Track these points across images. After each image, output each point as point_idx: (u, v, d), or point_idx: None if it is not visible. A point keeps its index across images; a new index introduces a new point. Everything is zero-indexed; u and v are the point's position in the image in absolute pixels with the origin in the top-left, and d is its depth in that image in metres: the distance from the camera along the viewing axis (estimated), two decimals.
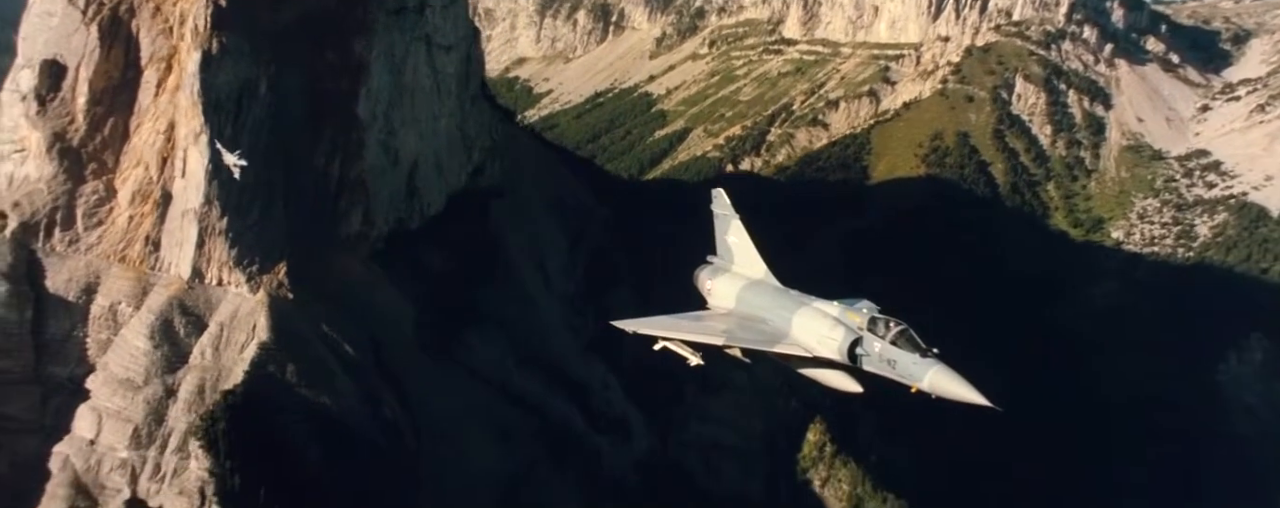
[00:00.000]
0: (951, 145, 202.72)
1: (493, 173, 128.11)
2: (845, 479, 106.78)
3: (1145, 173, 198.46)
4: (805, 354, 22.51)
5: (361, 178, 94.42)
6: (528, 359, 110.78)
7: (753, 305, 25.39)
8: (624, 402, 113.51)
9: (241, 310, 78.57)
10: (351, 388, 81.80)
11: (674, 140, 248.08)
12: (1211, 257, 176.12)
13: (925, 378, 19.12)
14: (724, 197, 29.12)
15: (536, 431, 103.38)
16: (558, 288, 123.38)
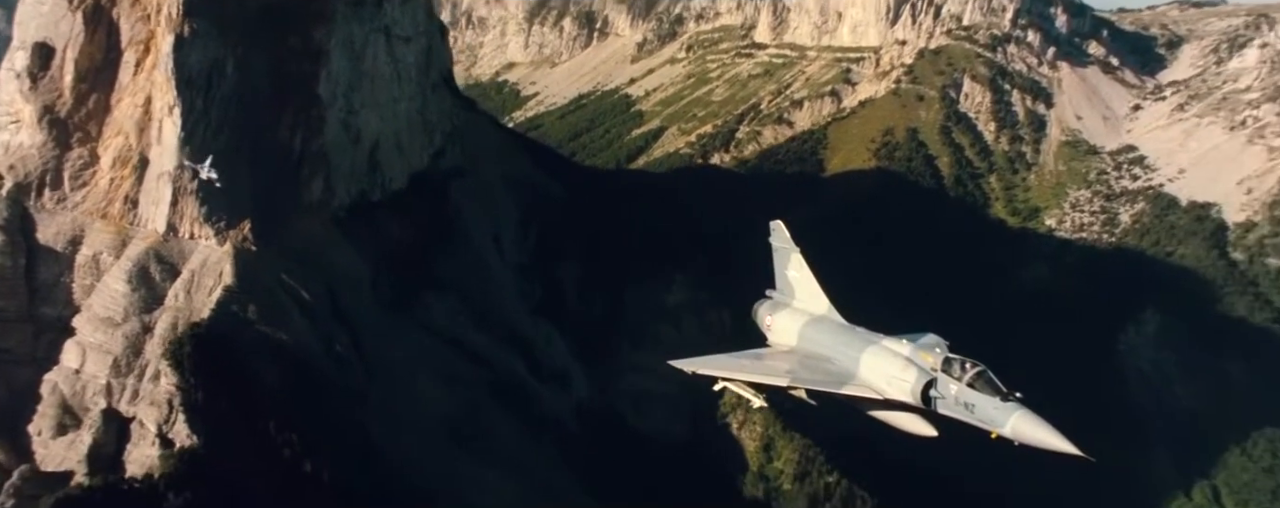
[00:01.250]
0: (902, 140, 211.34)
1: (454, 155, 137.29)
2: (758, 422, 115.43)
3: (1080, 166, 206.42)
4: (875, 396, 21.29)
5: (323, 151, 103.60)
6: (479, 318, 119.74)
7: (816, 343, 24.13)
8: (566, 356, 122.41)
9: (210, 259, 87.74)
10: (307, 327, 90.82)
11: (650, 138, 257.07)
12: (1129, 241, 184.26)
13: (1008, 424, 17.98)
14: (783, 229, 27.78)
15: (483, 378, 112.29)
16: (511, 258, 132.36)
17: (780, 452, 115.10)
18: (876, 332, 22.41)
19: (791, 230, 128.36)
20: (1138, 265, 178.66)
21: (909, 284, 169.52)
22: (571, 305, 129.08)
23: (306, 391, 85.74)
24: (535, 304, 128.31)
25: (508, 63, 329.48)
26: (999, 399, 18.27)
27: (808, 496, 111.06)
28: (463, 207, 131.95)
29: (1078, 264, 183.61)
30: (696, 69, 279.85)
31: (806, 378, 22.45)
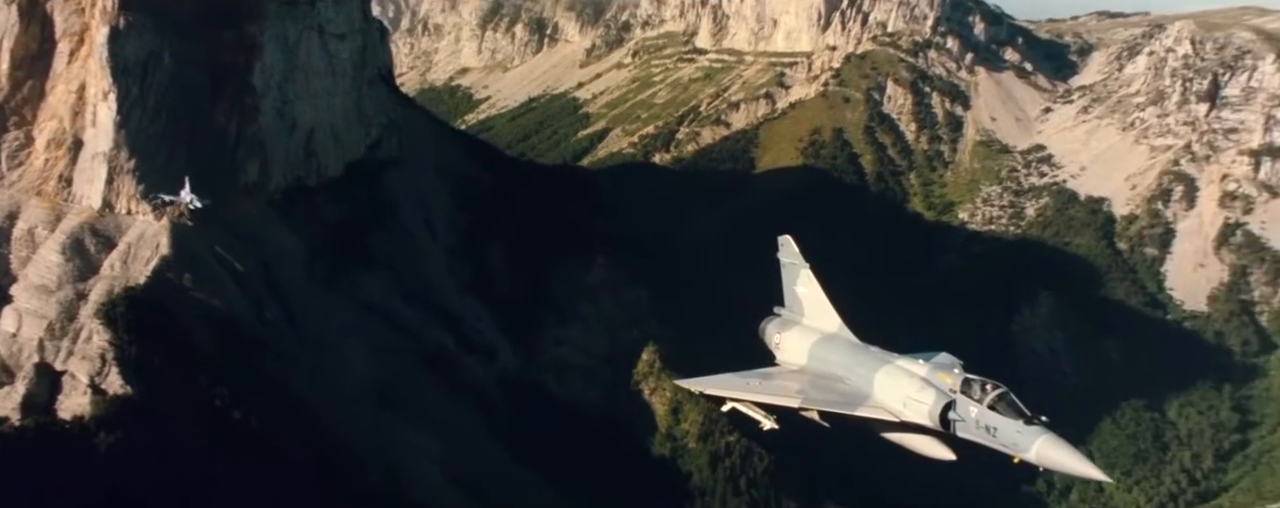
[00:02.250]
0: (828, 140, 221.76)
1: (390, 146, 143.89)
2: (668, 389, 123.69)
3: (993, 164, 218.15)
4: (891, 419, 20.62)
5: (258, 137, 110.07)
6: (410, 295, 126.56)
7: (828, 362, 23.27)
8: (493, 330, 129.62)
9: (147, 233, 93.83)
10: (240, 295, 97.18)
11: (595, 139, 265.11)
12: (1032, 233, 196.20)
13: (1032, 449, 17.38)
14: (792, 244, 26.78)
15: (412, 349, 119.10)
16: (443, 240, 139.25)
17: (687, 415, 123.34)
18: (890, 351, 21.69)
19: (720, 223, 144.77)
20: (1037, 255, 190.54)
21: (831, 273, 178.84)
22: (499, 285, 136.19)
23: (238, 351, 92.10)
24: (465, 283, 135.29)
25: (461, 68, 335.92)
26: (1022, 422, 17.60)
27: (710, 453, 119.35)
28: (397, 193, 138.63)
29: (985, 254, 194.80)
30: (641, 73, 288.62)
31: (819, 399, 21.65)
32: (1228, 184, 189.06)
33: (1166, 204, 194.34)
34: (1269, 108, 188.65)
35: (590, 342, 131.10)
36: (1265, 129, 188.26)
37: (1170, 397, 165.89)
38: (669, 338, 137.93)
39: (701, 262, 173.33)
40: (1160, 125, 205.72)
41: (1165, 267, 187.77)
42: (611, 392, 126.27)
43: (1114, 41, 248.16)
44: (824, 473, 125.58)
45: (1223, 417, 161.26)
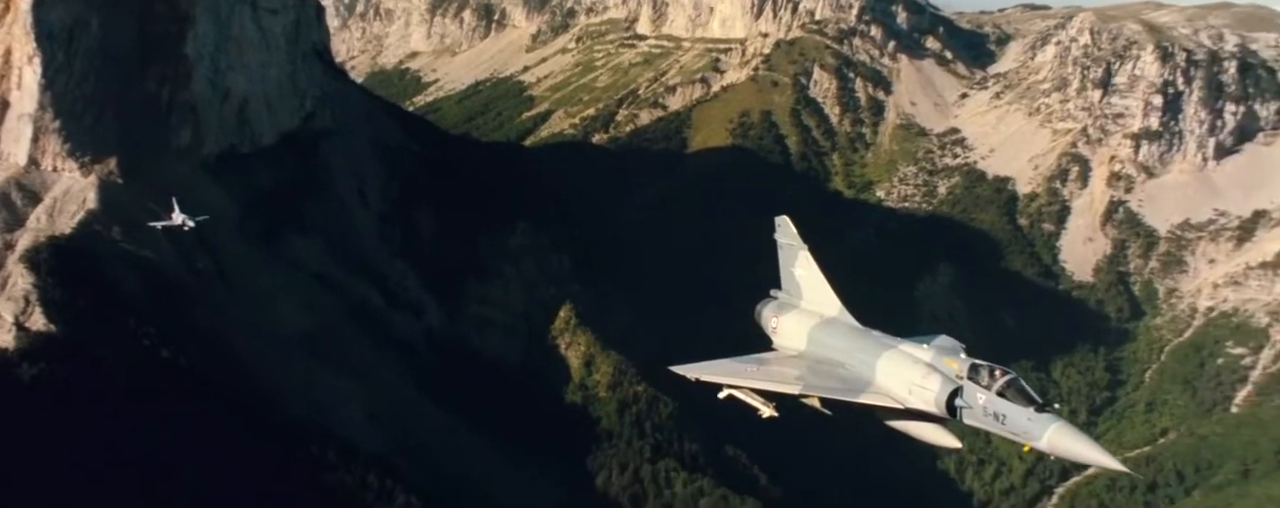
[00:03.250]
0: (756, 122, 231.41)
1: (324, 118, 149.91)
2: (582, 343, 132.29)
3: (911, 146, 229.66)
4: (895, 405, 20.01)
5: (191, 103, 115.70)
6: (341, 257, 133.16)
7: (827, 347, 22.65)
8: (420, 290, 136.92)
9: (74, 189, 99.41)
10: (170, 248, 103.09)
11: (538, 120, 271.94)
12: (942, 210, 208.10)
13: (1044, 437, 16.90)
14: (789, 225, 26.29)
15: (340, 305, 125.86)
16: (375, 208, 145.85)
17: (599, 366, 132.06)
18: (892, 336, 21.26)
19: (651, 197, 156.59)
20: (945, 229, 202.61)
21: (755, 246, 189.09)
22: (427, 249, 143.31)
23: (166, 298, 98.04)
24: (394, 247, 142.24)
25: (411, 52, 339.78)
26: (1033, 410, 17.07)
27: (618, 401, 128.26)
28: (330, 161, 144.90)
29: (898, 229, 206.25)
30: (584, 58, 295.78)
31: (819, 385, 21.00)
32: (1114, 165, 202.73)
33: (1064, 183, 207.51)
34: (1148, 95, 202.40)
35: (511, 300, 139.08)
36: (1144, 114, 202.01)
37: (1055, 358, 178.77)
38: (588, 299, 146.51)
39: (629, 231, 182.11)
40: (1062, 110, 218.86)
41: (1060, 241, 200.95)
42: (529, 346, 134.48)
43: (1030, 32, 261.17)
44: (725, 415, 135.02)
45: (1097, 376, 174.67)
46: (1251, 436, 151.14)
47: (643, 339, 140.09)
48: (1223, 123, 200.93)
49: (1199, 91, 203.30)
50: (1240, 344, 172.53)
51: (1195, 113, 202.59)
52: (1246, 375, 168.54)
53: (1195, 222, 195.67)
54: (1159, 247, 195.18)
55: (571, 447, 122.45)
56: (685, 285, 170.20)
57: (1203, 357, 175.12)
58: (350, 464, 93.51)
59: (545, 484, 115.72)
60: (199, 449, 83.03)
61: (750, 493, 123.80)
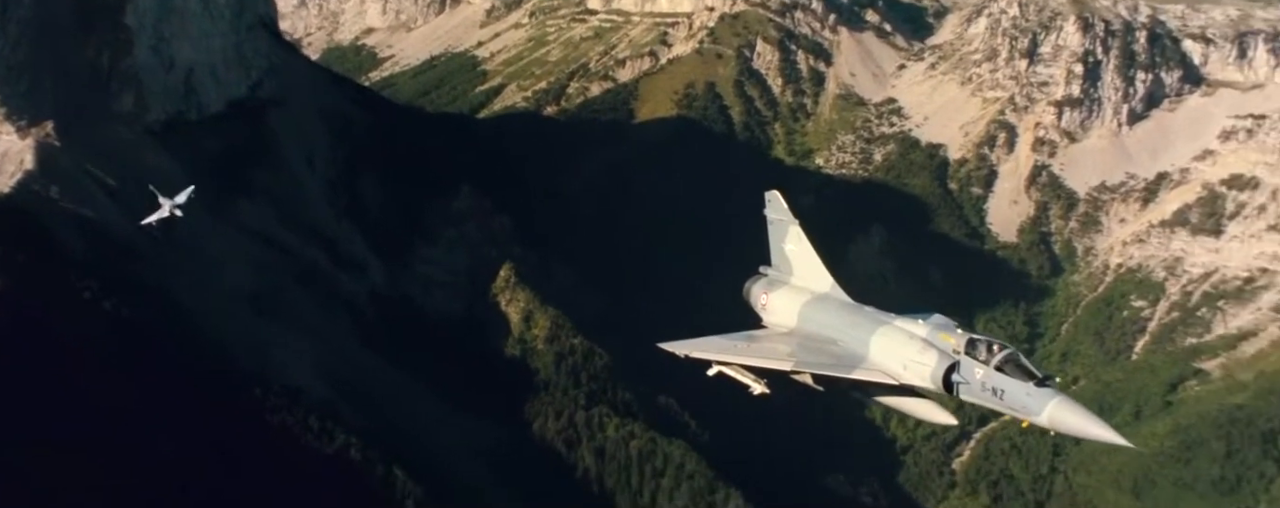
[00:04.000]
0: (701, 93, 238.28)
1: (271, 87, 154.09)
2: (522, 300, 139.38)
3: (850, 116, 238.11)
4: (889, 381, 19.80)
5: (133, 70, 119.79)
6: (289, 221, 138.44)
7: (819, 324, 22.27)
8: (365, 251, 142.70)
9: (11, 150, 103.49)
10: (112, 207, 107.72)
11: (491, 94, 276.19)
12: (877, 175, 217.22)
13: (1044, 412, 16.64)
14: (780, 200, 26.16)
15: (288, 265, 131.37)
16: (321, 173, 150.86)
17: (537, 321, 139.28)
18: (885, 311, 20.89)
19: (600, 167, 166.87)
20: (879, 194, 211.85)
21: (700, 211, 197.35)
22: (373, 213, 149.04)
23: (109, 254, 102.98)
24: (341, 211, 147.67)
25: (367, 28, 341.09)
26: (1032, 384, 16.91)
27: (556, 353, 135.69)
28: (278, 129, 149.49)
29: (835, 194, 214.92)
30: (537, 33, 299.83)
31: (811, 361, 20.76)
32: (1038, 131, 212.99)
33: (992, 149, 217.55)
34: (1070, 64, 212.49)
35: (454, 260, 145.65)
36: (1066, 83, 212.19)
37: (979, 313, 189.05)
38: (529, 260, 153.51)
39: (575, 197, 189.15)
40: (991, 79, 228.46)
41: (987, 204, 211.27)
42: (471, 303, 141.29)
43: (967, 4, 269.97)
44: (659, 368, 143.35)
45: (1017, 330, 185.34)
46: (1144, 381, 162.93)
47: (583, 298, 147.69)
48: (1135, 90, 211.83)
49: (1115, 60, 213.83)
50: (1141, 297, 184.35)
51: (1112, 81, 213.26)
52: (1145, 326, 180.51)
53: (1110, 184, 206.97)
54: (1078, 208, 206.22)
55: (510, 396, 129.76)
56: (628, 248, 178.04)
57: (1111, 310, 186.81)
58: (292, 407, 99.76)
59: (484, 429, 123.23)
60: (143, 394, 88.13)
61: (680, 437, 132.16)
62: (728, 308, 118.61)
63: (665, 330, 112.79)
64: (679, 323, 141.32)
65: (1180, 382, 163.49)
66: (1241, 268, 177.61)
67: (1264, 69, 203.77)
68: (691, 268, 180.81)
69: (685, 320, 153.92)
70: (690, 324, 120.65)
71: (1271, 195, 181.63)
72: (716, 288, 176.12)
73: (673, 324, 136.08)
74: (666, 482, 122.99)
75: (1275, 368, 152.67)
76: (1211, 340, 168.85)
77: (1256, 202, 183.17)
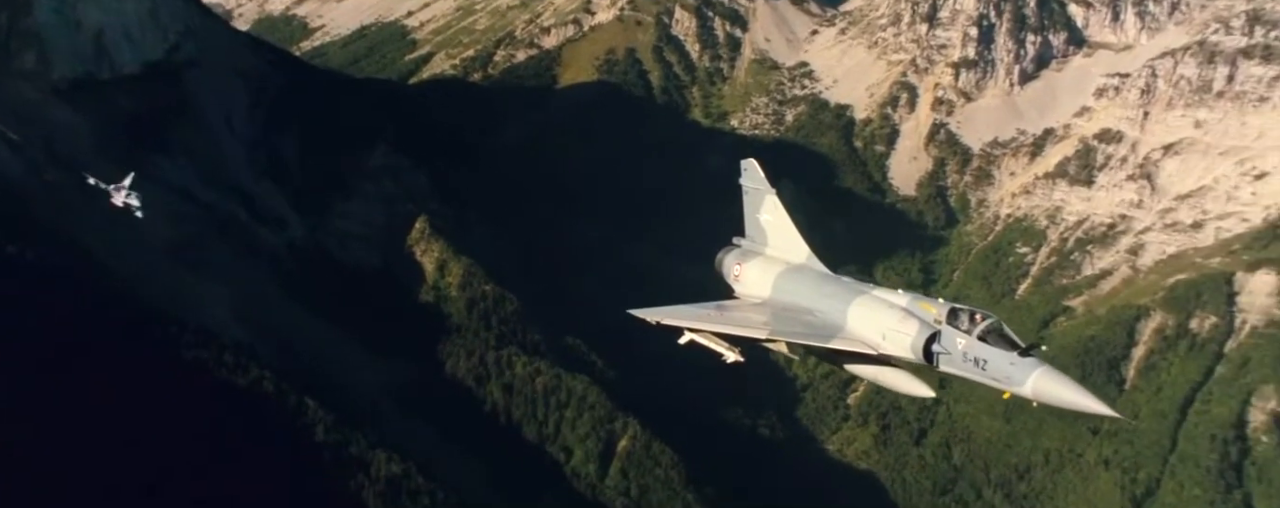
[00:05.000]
0: (621, 58, 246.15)
1: (189, 50, 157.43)
2: (436, 250, 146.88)
3: (764, 79, 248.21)
4: (868, 351, 19.31)
5: (34, 29, 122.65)
6: (207, 177, 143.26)
7: (794, 294, 21.84)
8: (284, 207, 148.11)
9: None
10: (14, 158, 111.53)
11: (420, 62, 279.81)
12: (788, 135, 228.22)
13: (1027, 383, 16.28)
14: (756, 168, 25.65)
15: (207, 219, 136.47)
16: (240, 132, 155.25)
17: (451, 270, 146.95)
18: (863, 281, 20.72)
19: (521, 130, 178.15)
20: (789, 152, 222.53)
21: (620, 170, 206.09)
22: (292, 171, 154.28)
23: (10, 201, 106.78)
24: (260, 170, 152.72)
25: None
26: (1016, 354, 16.57)
27: (468, 299, 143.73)
28: (197, 90, 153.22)
29: (747, 153, 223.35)
30: (465, 2, 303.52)
31: (787, 331, 20.34)
32: (937, 92, 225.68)
33: (894, 109, 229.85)
34: (966, 28, 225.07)
35: (371, 215, 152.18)
36: (963, 45, 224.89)
37: (879, 262, 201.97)
38: (446, 214, 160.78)
39: (495, 158, 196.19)
40: (895, 43, 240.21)
41: (889, 160, 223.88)
42: (387, 254, 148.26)
43: None
44: (569, 310, 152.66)
45: (913, 276, 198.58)
46: (1022, 319, 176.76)
47: (498, 249, 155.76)
48: (1025, 52, 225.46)
49: (1007, 24, 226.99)
50: (1025, 244, 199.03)
51: (1004, 43, 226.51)
52: (1028, 271, 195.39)
53: (1001, 140, 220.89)
54: (972, 163, 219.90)
55: (423, 339, 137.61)
56: (545, 204, 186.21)
57: (998, 257, 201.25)
58: (207, 344, 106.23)
59: (397, 367, 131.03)
60: (48, 332, 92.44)
61: (586, 374, 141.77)
62: (641, 261, 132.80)
63: (578, 280, 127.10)
64: (591, 272, 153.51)
65: (1052, 318, 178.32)
66: (1107, 215, 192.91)
67: (1133, 31, 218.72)
68: (607, 222, 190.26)
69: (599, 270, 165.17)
70: (604, 274, 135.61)
71: (1131, 148, 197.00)
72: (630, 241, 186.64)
73: (585, 273, 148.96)
74: (569, 413, 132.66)
75: (1123, 302, 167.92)
76: (1079, 281, 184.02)
77: (1120, 154, 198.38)
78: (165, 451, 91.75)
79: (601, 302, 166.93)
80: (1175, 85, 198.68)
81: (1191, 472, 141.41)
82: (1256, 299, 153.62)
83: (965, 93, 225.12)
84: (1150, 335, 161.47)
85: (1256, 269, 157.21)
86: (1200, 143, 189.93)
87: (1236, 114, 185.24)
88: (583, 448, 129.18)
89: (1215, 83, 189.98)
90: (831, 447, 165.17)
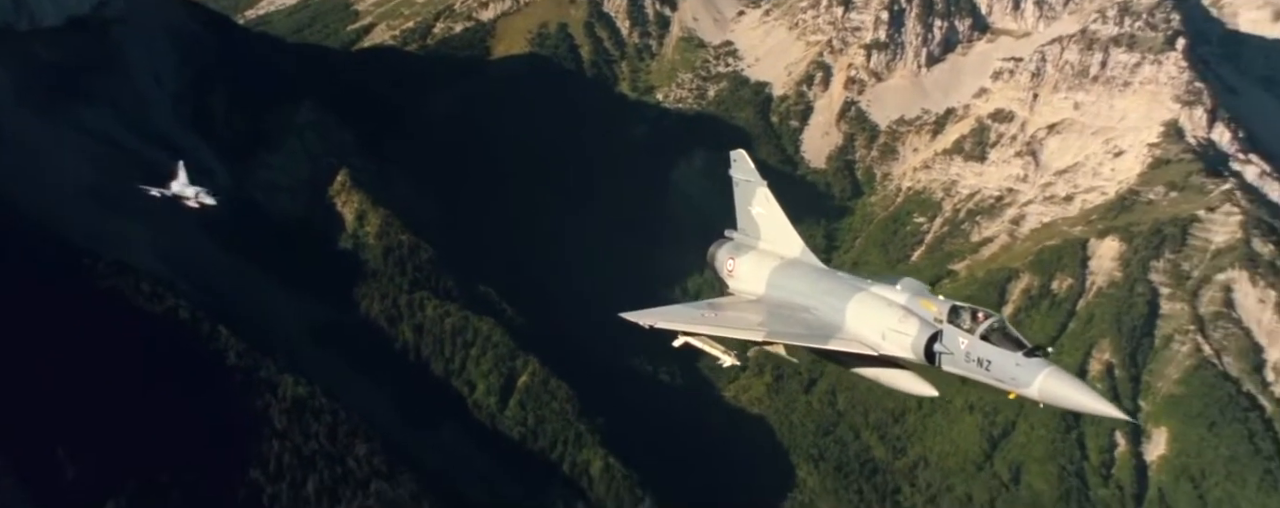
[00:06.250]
0: (553, 33, 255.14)
1: (117, 6, 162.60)
2: (357, 202, 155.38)
3: (691, 56, 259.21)
4: (867, 352, 18.90)
5: None
6: (132, 127, 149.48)
7: (790, 291, 21.29)
8: (211, 159, 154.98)
9: None
10: None
11: (361, 33, 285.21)
12: (710, 109, 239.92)
13: (1034, 384, 15.91)
14: (746, 160, 25.19)
15: (130, 165, 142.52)
16: (168, 87, 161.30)
17: (369, 220, 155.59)
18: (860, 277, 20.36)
19: (452, 98, 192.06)
20: (708, 125, 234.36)
21: (549, 137, 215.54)
22: (219, 123, 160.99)
23: None
24: (186, 123, 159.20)
25: None
26: (1021, 355, 16.21)
27: (385, 247, 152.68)
28: (123, 45, 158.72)
29: (669, 125, 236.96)
30: None
31: (784, 332, 19.83)
32: (850, 71, 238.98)
33: (810, 87, 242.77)
34: (878, 11, 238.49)
35: (295, 168, 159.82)
36: (875, 28, 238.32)
37: None
38: (368, 169, 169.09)
39: (422, 119, 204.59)
40: (814, 24, 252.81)
41: (802, 135, 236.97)
42: (310, 205, 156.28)
43: None
44: (483, 258, 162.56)
45: (818, 242, 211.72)
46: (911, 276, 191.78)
47: (419, 204, 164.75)
48: (933, 36, 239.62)
49: (917, 9, 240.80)
50: (922, 215, 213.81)
51: (913, 27, 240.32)
52: (923, 239, 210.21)
53: (907, 118, 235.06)
54: (879, 139, 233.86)
55: (340, 283, 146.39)
56: (470, 164, 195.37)
57: (897, 226, 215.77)
58: (122, 273, 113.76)
59: (315, 308, 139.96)
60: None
61: (495, 318, 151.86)
62: (563, 221, 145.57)
63: (499, 235, 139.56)
64: (514, 229, 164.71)
65: (937, 280, 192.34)
66: (996, 188, 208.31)
67: (1032, 18, 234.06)
68: (531, 185, 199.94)
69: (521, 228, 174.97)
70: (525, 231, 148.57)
71: (1021, 127, 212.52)
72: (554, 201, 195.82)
73: (507, 230, 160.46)
74: (475, 351, 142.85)
75: (999, 266, 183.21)
76: (965, 247, 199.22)
77: (1010, 133, 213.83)
78: (80, 374, 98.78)
79: (521, 256, 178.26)
80: (1061, 70, 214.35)
81: (1040, 415, 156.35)
82: (1103, 263, 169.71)
83: (876, 73, 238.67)
84: (1018, 295, 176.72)
85: (1105, 236, 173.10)
86: (1077, 123, 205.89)
87: (1106, 97, 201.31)
88: (485, 383, 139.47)
89: (1092, 68, 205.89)
90: (728, 394, 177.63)
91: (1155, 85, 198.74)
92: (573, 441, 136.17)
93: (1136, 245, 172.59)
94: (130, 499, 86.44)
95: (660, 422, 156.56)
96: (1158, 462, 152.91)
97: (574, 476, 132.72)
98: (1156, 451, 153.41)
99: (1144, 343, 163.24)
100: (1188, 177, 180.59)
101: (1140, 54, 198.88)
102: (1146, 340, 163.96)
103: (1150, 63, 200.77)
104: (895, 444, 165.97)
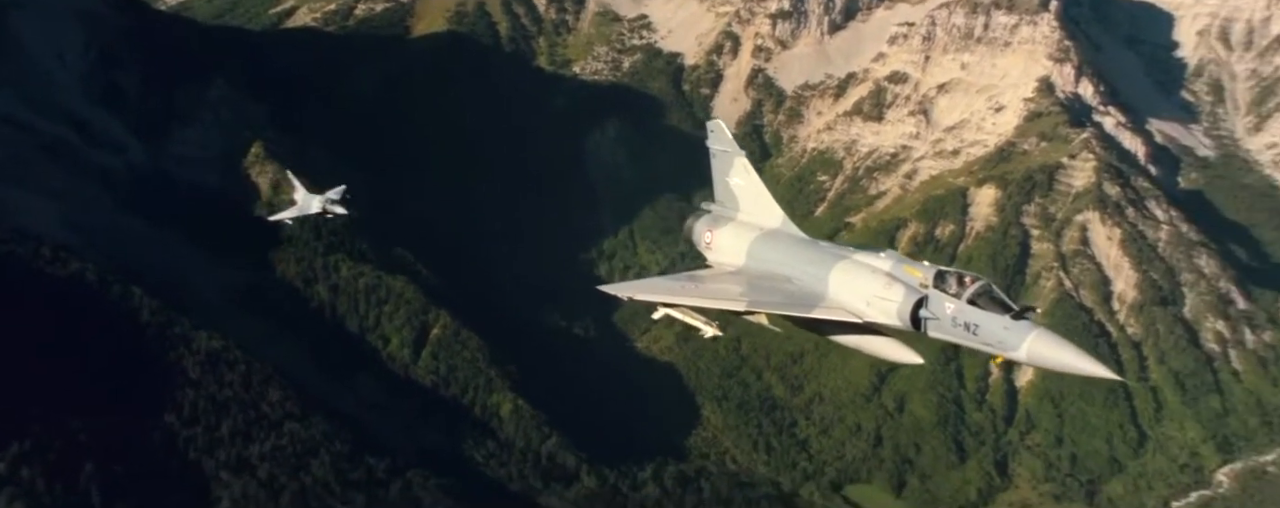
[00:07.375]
0: (471, 10, 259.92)
1: None
2: (271, 172, 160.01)
3: (607, 30, 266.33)
4: (852, 320, 18.63)
5: None
6: (35, 105, 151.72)
7: (771, 261, 21.02)
8: (125, 134, 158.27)
9: None
10: None
11: (283, 15, 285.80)
12: (624, 81, 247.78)
13: (1022, 347, 15.71)
14: (724, 131, 24.53)
15: (33, 141, 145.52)
16: (73, 67, 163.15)
17: (284, 189, 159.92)
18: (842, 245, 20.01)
19: (374, 80, 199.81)
20: (623, 96, 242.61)
21: (467, 110, 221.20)
22: (131, 100, 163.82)
23: None
24: (96, 99, 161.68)
25: None
26: (1009, 317, 16.02)
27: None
28: (22, 28, 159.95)
29: (586, 96, 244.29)
30: None
31: (766, 301, 19.56)
32: (757, 40, 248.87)
33: (720, 56, 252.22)
34: None
35: (209, 140, 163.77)
36: None
37: (696, 192, 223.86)
38: (285, 142, 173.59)
39: (340, 96, 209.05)
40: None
41: (713, 102, 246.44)
42: (224, 176, 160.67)
43: None
44: (395, 223, 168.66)
45: None
46: (810, 232, 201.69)
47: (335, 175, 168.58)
48: (835, 4, 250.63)
49: None
50: (825, 174, 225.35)
51: None
52: (826, 196, 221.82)
53: (812, 83, 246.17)
54: (785, 104, 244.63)
55: (256, 247, 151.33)
56: (388, 136, 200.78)
57: (802, 185, 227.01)
58: (21, 240, 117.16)
59: (231, 271, 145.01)
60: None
61: (408, 277, 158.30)
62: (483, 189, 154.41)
63: (417, 202, 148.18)
64: (432, 197, 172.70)
65: (835, 232, 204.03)
66: (892, 146, 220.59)
67: None
68: (447, 153, 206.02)
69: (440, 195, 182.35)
70: (443, 197, 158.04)
71: (914, 88, 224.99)
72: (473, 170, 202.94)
73: (424, 197, 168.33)
74: (388, 308, 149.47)
75: (891, 216, 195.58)
76: (862, 200, 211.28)
77: (905, 93, 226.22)
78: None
79: (438, 222, 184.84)
80: (949, 32, 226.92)
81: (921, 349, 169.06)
82: (981, 210, 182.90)
83: (782, 41, 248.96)
84: (906, 242, 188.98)
85: (983, 185, 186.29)
86: (964, 82, 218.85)
87: (989, 57, 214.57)
88: (399, 337, 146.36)
89: (976, 30, 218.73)
90: (640, 346, 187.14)
91: (1032, 44, 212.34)
92: (483, 386, 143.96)
93: (1010, 192, 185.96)
94: (35, 440, 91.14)
95: (573, 371, 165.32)
96: (1026, 387, 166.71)
97: (484, 418, 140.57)
98: (1025, 377, 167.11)
99: (1016, 281, 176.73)
100: (1056, 128, 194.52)
101: (1018, 15, 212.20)
102: (1019, 278, 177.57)
103: (1027, 23, 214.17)
104: (794, 383, 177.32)
